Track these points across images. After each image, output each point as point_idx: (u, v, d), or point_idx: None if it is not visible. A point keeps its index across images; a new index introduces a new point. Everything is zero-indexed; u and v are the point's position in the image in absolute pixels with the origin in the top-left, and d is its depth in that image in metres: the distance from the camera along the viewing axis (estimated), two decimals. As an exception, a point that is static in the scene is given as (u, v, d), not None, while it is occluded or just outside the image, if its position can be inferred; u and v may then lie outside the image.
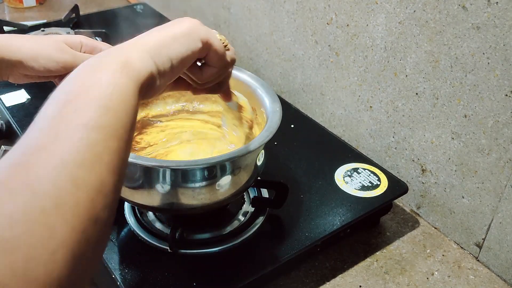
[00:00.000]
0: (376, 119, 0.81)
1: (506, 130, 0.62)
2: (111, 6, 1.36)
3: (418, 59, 0.70)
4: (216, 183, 0.57)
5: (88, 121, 0.31)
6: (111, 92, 0.34)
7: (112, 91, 0.34)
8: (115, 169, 0.31)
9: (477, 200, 0.69)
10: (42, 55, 0.60)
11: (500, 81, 0.61)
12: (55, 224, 0.26)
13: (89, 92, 0.33)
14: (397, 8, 0.71)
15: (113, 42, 0.73)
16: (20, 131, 0.78)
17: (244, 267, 0.60)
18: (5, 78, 0.63)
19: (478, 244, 0.71)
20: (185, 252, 0.62)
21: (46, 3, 1.43)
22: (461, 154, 0.69)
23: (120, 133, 0.33)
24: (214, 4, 1.13)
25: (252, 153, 0.57)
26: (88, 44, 0.65)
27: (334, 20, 0.82)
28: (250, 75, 0.68)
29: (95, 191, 0.29)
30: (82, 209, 0.28)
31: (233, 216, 0.68)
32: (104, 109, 0.33)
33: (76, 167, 0.29)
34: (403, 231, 0.75)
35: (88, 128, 0.31)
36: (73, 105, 0.33)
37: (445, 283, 0.67)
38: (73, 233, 0.27)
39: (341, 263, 0.69)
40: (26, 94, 0.88)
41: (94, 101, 0.33)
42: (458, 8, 0.63)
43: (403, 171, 0.79)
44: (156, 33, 0.44)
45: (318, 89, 0.91)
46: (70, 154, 0.29)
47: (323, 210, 0.68)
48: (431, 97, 0.70)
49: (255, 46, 1.04)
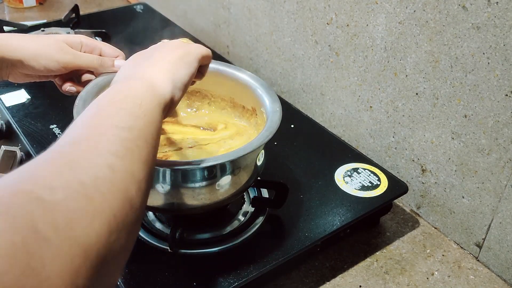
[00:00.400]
0: (376, 119, 0.81)
1: (506, 130, 0.62)
2: (111, 6, 1.36)
3: (418, 59, 0.70)
4: (216, 183, 0.57)
5: (119, 123, 0.37)
6: (139, 104, 0.41)
7: (140, 104, 0.41)
8: (145, 162, 0.36)
9: (477, 200, 0.69)
10: (42, 55, 0.60)
11: (500, 81, 0.61)
12: (93, 195, 0.29)
13: (122, 103, 0.40)
14: (397, 8, 0.71)
15: (113, 42, 0.73)
16: (20, 131, 0.78)
17: (244, 267, 0.60)
18: (5, 78, 0.63)
19: (478, 244, 0.71)
20: (185, 252, 0.62)
21: (46, 3, 1.43)
22: (461, 154, 0.69)
23: (147, 137, 0.38)
24: (214, 4, 1.13)
25: (252, 153, 0.57)
26: (88, 43, 0.65)
27: (334, 20, 0.82)
28: (250, 75, 0.68)
29: (128, 176, 0.33)
30: (117, 188, 0.32)
31: (233, 216, 0.68)
32: (133, 116, 0.39)
33: (110, 155, 0.33)
34: (403, 231, 0.75)
35: (119, 128, 0.36)
36: (107, 111, 0.39)
37: (445, 283, 0.67)
38: (109, 207, 0.30)
39: (341, 263, 0.69)
40: (26, 94, 0.88)
41: (124, 110, 0.39)
42: (458, 8, 0.63)
43: (403, 171, 0.79)
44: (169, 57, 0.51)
45: (318, 89, 0.91)
46: (105, 145, 0.34)
47: (323, 210, 0.68)
48: (431, 97, 0.70)
49: (255, 46, 1.04)
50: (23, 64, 0.60)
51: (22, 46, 0.60)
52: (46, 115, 0.83)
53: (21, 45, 0.60)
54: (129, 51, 0.64)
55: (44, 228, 0.25)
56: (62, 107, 0.84)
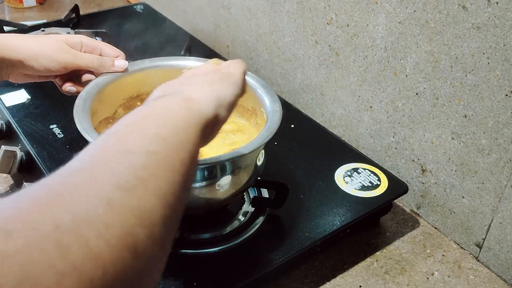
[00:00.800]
0: (376, 119, 0.81)
1: (506, 130, 0.62)
2: (111, 6, 1.36)
3: (418, 59, 0.70)
4: (216, 183, 0.57)
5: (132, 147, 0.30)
6: (164, 123, 0.33)
7: (165, 123, 0.33)
8: (165, 196, 0.29)
9: (477, 200, 0.69)
10: (42, 55, 0.60)
11: (500, 81, 0.61)
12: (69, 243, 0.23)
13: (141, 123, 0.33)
14: (397, 8, 0.71)
15: (113, 42, 0.73)
16: (20, 131, 0.78)
17: (244, 267, 0.60)
18: (5, 78, 0.63)
19: (478, 244, 0.71)
20: (185, 252, 0.62)
21: (46, 3, 1.43)
22: (461, 154, 0.69)
23: (173, 164, 0.31)
24: (214, 4, 1.13)
25: (252, 153, 0.57)
26: (88, 44, 0.65)
27: (334, 20, 0.82)
28: (250, 75, 0.68)
29: (133, 215, 0.26)
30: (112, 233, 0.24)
31: (233, 216, 0.68)
32: (156, 138, 0.31)
33: (111, 187, 0.26)
34: (403, 231, 0.75)
35: (131, 153, 0.29)
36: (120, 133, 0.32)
37: (445, 283, 0.67)
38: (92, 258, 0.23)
39: (341, 263, 0.69)
40: (26, 94, 0.88)
41: (143, 131, 0.32)
42: (458, 8, 0.63)
43: (403, 171, 0.79)
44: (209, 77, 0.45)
45: (318, 89, 0.91)
46: (107, 175, 0.27)
47: (323, 210, 0.68)
48: (431, 97, 0.70)
49: (255, 46, 1.04)
50: (23, 64, 0.60)
51: (22, 46, 0.60)
52: (46, 115, 0.83)
53: (21, 45, 0.60)
54: (129, 51, 0.64)
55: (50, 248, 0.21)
56: (62, 107, 0.84)
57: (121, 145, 0.30)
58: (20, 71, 0.61)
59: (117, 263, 0.23)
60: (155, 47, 1.01)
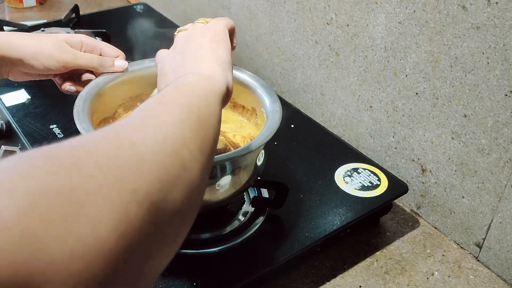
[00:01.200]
0: (376, 119, 0.81)
1: (506, 130, 0.62)
2: (111, 6, 1.36)
3: (418, 59, 0.70)
4: (216, 183, 0.57)
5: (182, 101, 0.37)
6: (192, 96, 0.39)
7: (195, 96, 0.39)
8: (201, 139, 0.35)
9: (477, 200, 0.69)
10: (42, 54, 0.60)
11: (500, 81, 0.61)
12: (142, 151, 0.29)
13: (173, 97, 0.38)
14: (397, 8, 0.71)
15: (113, 42, 0.73)
16: (20, 131, 0.78)
17: (244, 267, 0.60)
18: (5, 76, 0.63)
19: (478, 244, 0.71)
20: (185, 252, 0.62)
21: (46, 3, 1.43)
22: (461, 154, 0.69)
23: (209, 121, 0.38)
24: (214, 4, 1.13)
25: (252, 153, 0.57)
26: (88, 43, 0.65)
27: (334, 20, 0.82)
28: (250, 75, 0.68)
29: (180, 140, 0.33)
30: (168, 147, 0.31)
31: (233, 216, 0.68)
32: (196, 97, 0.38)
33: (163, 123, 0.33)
34: (403, 231, 0.75)
35: (168, 124, 0.34)
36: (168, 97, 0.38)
37: (445, 283, 0.67)
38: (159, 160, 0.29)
39: (341, 263, 0.69)
40: (26, 94, 0.88)
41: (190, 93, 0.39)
42: (458, 8, 0.63)
43: (403, 171, 0.79)
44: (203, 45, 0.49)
45: (318, 89, 0.91)
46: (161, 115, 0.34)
47: (323, 210, 0.68)
48: (431, 97, 0.70)
49: (255, 46, 1.04)
50: (23, 62, 0.60)
51: (22, 44, 0.60)
52: (46, 115, 0.83)
53: (21, 43, 0.60)
54: (129, 51, 0.64)
55: (88, 167, 0.25)
56: (62, 107, 0.84)
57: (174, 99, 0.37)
58: (19, 70, 0.61)
59: (174, 170, 0.30)
60: (155, 47, 1.01)
